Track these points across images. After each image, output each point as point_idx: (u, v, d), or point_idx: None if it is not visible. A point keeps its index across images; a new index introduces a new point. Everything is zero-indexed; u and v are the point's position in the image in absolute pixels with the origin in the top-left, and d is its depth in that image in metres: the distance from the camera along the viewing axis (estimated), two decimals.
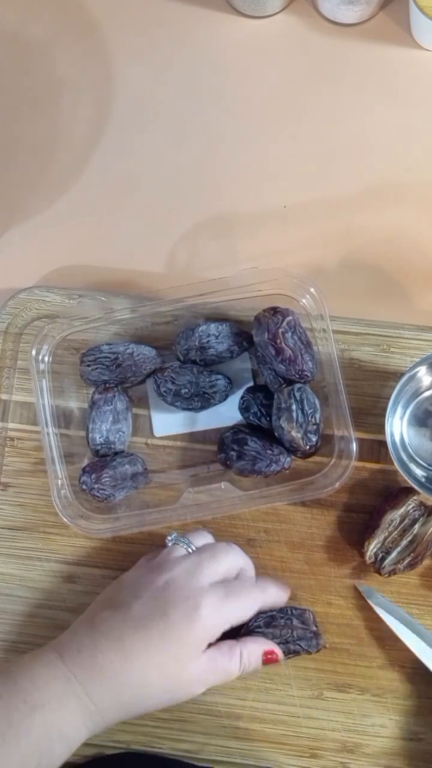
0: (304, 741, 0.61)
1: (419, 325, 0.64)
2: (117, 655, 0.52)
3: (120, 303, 0.64)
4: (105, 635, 0.53)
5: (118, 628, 0.54)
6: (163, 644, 0.53)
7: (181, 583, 0.55)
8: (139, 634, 0.53)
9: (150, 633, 0.53)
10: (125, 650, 0.53)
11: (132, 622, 0.54)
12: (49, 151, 0.70)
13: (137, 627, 0.53)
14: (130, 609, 0.54)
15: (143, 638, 0.53)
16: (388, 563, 0.60)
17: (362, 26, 0.69)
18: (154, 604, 0.54)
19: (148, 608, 0.54)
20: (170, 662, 0.53)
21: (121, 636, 0.53)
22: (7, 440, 0.65)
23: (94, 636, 0.54)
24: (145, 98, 0.70)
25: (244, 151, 0.69)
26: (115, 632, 0.53)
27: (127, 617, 0.54)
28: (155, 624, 0.53)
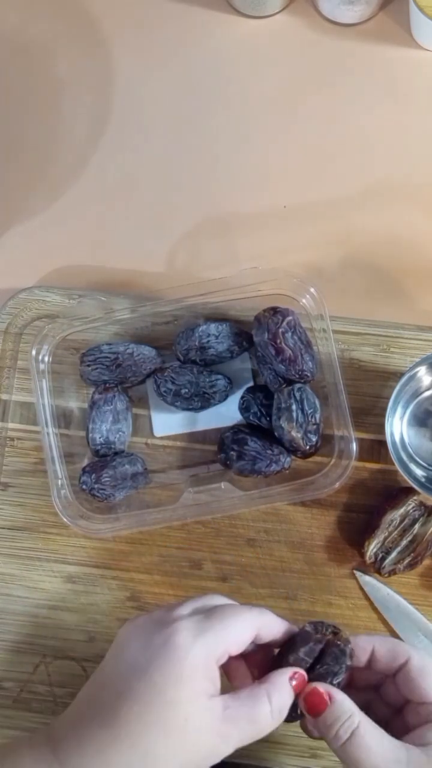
0: (304, 741, 0.61)
1: (419, 325, 0.64)
2: (97, 725, 0.45)
3: (120, 303, 0.64)
4: (90, 718, 0.45)
5: (95, 700, 0.46)
6: (151, 694, 0.44)
7: (148, 624, 0.47)
8: (118, 692, 0.45)
9: (130, 686, 0.44)
10: (104, 715, 0.45)
11: (106, 685, 0.46)
12: (49, 151, 0.70)
13: (113, 684, 0.45)
14: (103, 672, 0.47)
15: (123, 696, 0.44)
16: (388, 563, 0.60)
17: (362, 26, 0.69)
18: (129, 659, 0.46)
19: (123, 666, 0.46)
20: (171, 717, 0.43)
21: (95, 703, 0.46)
22: (7, 440, 0.65)
23: (82, 722, 0.45)
24: (145, 98, 0.70)
25: (244, 151, 0.69)
26: (92, 703, 0.46)
27: (102, 683, 0.46)
28: (133, 677, 0.45)
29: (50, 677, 0.63)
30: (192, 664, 0.44)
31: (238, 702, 0.45)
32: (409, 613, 0.61)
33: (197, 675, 0.44)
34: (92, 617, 0.63)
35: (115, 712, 0.44)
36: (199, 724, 0.44)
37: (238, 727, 0.44)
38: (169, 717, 0.43)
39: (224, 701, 0.45)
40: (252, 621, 0.47)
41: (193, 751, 0.44)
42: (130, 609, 0.63)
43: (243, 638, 0.46)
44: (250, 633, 0.46)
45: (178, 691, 0.43)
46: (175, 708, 0.43)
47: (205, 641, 0.44)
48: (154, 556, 0.63)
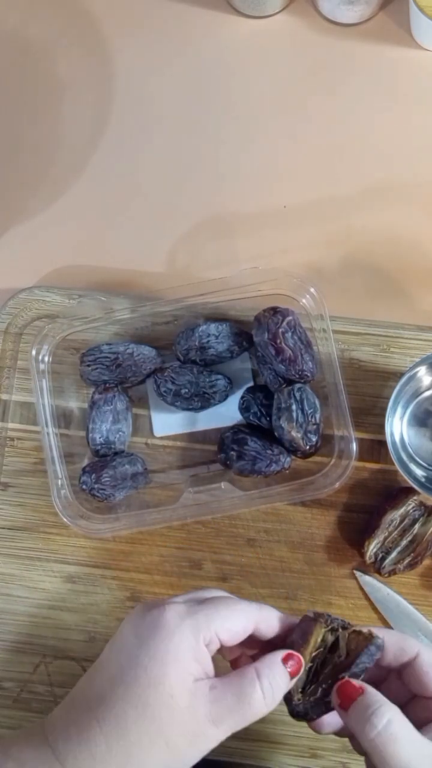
0: (304, 741, 0.61)
1: (419, 325, 0.64)
2: (85, 704, 0.45)
3: (120, 303, 0.64)
4: (79, 702, 0.45)
5: (85, 684, 0.46)
6: (137, 672, 0.43)
7: (141, 610, 0.46)
8: (106, 673, 0.45)
9: (118, 667, 0.44)
10: (93, 694, 0.45)
11: (98, 668, 0.46)
12: (49, 151, 0.70)
13: (103, 668, 0.45)
14: (99, 660, 0.47)
15: (111, 676, 0.44)
16: (388, 563, 0.60)
17: (362, 26, 0.69)
18: (118, 644, 0.46)
19: (113, 651, 0.46)
20: (152, 691, 0.43)
21: (85, 686, 0.46)
22: (7, 440, 0.65)
23: (72, 708, 0.46)
24: (145, 98, 0.70)
25: (244, 151, 0.69)
26: (83, 687, 0.46)
27: (96, 668, 0.46)
28: (121, 658, 0.44)
29: (50, 677, 0.63)
30: (177, 643, 0.43)
31: (226, 681, 0.44)
32: (409, 613, 0.61)
33: (184, 654, 0.43)
34: (92, 617, 0.63)
35: (102, 694, 0.44)
36: (185, 703, 0.43)
37: (227, 706, 0.43)
38: (152, 695, 0.42)
39: (212, 682, 0.44)
40: (248, 613, 0.46)
41: (179, 732, 0.43)
42: (130, 609, 0.63)
43: (236, 627, 0.45)
44: (244, 624, 0.46)
45: (164, 669, 0.43)
46: (159, 686, 0.43)
47: (194, 621, 0.44)
48: (154, 556, 0.63)
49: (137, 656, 0.44)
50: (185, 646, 0.44)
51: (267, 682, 0.44)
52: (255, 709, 0.44)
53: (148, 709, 0.42)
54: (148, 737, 0.43)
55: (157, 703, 0.42)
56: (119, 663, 0.44)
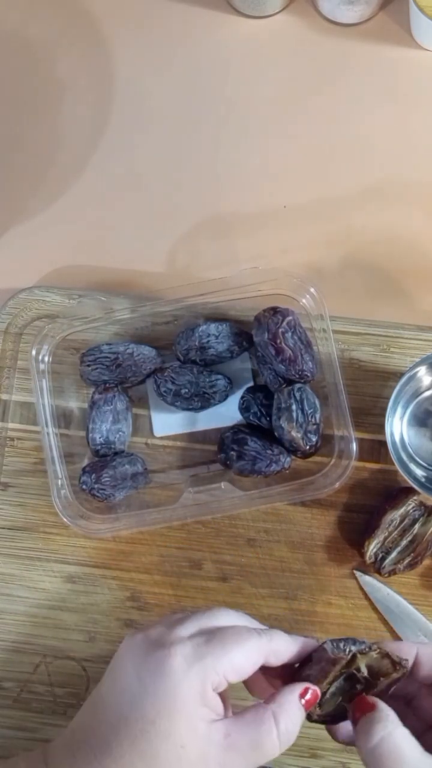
0: (304, 741, 0.61)
1: (419, 325, 0.64)
2: (91, 756, 0.43)
3: (120, 303, 0.64)
4: (85, 747, 0.43)
5: (88, 728, 0.44)
6: (143, 725, 0.41)
7: (142, 645, 0.44)
8: (112, 720, 0.43)
9: (124, 717, 0.42)
10: (98, 747, 0.43)
11: (101, 713, 0.44)
12: (49, 151, 0.70)
13: (106, 711, 0.43)
14: (99, 693, 0.44)
15: (117, 725, 0.42)
16: (388, 563, 0.60)
17: (362, 26, 0.69)
18: (122, 684, 0.43)
19: (116, 692, 0.43)
20: (164, 748, 0.41)
21: (89, 732, 0.44)
22: (7, 440, 0.65)
23: (78, 750, 0.44)
24: (146, 98, 0.70)
25: (244, 151, 0.69)
26: (86, 729, 0.44)
27: (96, 704, 0.44)
28: (126, 705, 0.42)
29: (50, 677, 0.63)
30: (185, 693, 0.41)
31: (241, 727, 0.42)
32: (409, 613, 0.61)
33: (191, 704, 0.41)
34: (92, 617, 0.63)
35: (107, 743, 0.42)
36: (197, 751, 0.41)
37: (241, 754, 0.42)
38: (162, 749, 0.41)
39: (226, 727, 0.42)
40: (257, 648, 0.43)
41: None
42: (130, 609, 0.63)
43: (244, 666, 0.43)
44: (253, 661, 0.43)
45: (172, 722, 0.41)
46: (168, 739, 0.41)
47: (201, 668, 0.42)
48: (154, 556, 0.63)
49: (142, 706, 0.42)
50: (193, 694, 0.41)
51: (284, 727, 0.42)
52: (269, 755, 0.42)
53: (158, 761, 0.41)
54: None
55: (167, 755, 0.41)
56: (121, 709, 0.42)
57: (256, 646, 0.43)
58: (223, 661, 0.42)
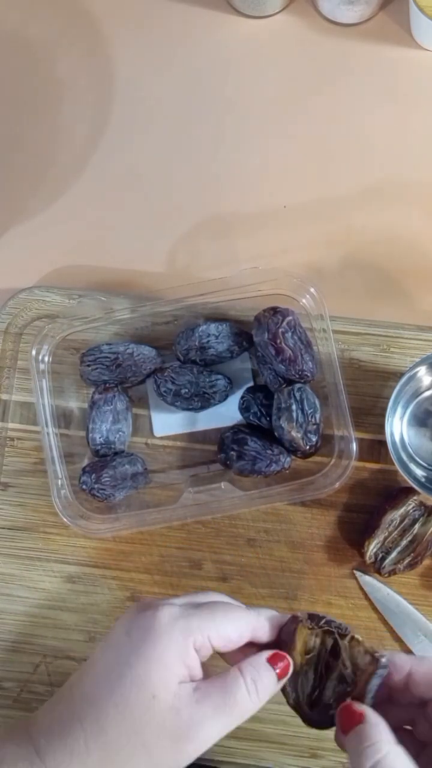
0: (304, 741, 0.61)
1: (419, 325, 0.64)
2: (69, 699, 0.44)
3: (120, 303, 0.64)
4: (64, 700, 0.45)
5: (73, 680, 0.45)
6: (121, 671, 0.42)
7: (135, 610, 0.45)
8: (93, 669, 0.44)
9: (105, 664, 0.44)
10: (80, 686, 0.44)
11: (87, 665, 0.45)
12: (49, 151, 0.70)
13: (92, 665, 0.45)
14: (90, 657, 0.46)
15: (97, 671, 0.44)
16: (388, 563, 0.60)
17: (362, 26, 0.69)
18: (109, 641, 0.45)
19: (104, 647, 0.45)
20: (134, 690, 0.42)
21: (73, 682, 0.45)
22: (7, 440, 0.65)
23: (56, 705, 0.45)
24: (146, 98, 0.70)
25: (244, 151, 0.69)
26: (70, 683, 0.45)
27: (85, 665, 0.45)
28: (109, 656, 0.44)
29: (50, 677, 0.63)
30: (166, 643, 0.42)
31: (209, 682, 0.43)
32: (409, 613, 0.61)
33: (170, 655, 0.42)
34: (92, 617, 0.63)
35: (86, 692, 0.43)
36: (167, 704, 0.42)
37: (212, 705, 0.42)
38: (133, 694, 0.42)
39: (195, 684, 0.43)
40: (244, 621, 0.45)
41: (159, 734, 0.42)
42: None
43: (230, 634, 0.44)
44: (238, 632, 0.44)
45: (148, 668, 0.42)
46: (141, 686, 0.42)
47: (186, 624, 0.43)
48: (154, 556, 0.63)
49: (125, 655, 0.43)
50: (173, 647, 0.43)
51: (250, 678, 0.43)
52: (241, 706, 0.43)
53: (127, 708, 0.42)
54: (126, 738, 0.42)
55: (137, 702, 0.42)
56: (107, 661, 0.44)
57: (243, 617, 0.45)
58: (208, 623, 0.43)
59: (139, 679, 0.42)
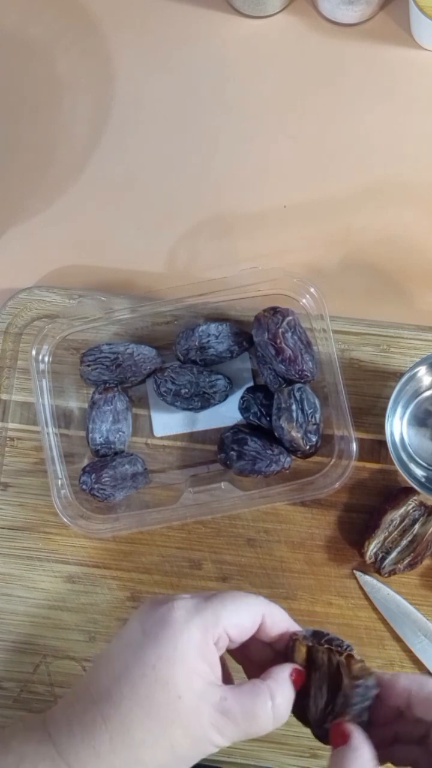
0: (304, 741, 0.61)
1: (419, 325, 0.64)
2: (88, 699, 0.44)
3: (120, 303, 0.64)
4: (84, 698, 0.44)
5: (90, 678, 0.45)
6: (143, 671, 0.42)
7: (147, 607, 0.46)
8: (112, 667, 0.44)
9: (124, 663, 0.43)
10: (97, 686, 0.44)
11: (102, 663, 0.45)
12: (49, 151, 0.70)
13: (108, 662, 0.45)
14: (105, 651, 0.46)
15: (116, 670, 0.43)
16: (388, 563, 0.60)
17: (362, 26, 0.69)
18: (126, 639, 0.45)
19: (120, 645, 0.45)
20: (158, 691, 0.42)
21: (91, 680, 0.45)
22: (7, 440, 0.65)
23: (76, 703, 0.45)
24: (145, 98, 0.70)
25: (244, 151, 0.69)
26: (87, 681, 0.45)
27: (99, 663, 0.45)
28: (128, 653, 0.44)
29: (50, 677, 0.63)
30: (186, 641, 0.43)
31: (238, 695, 0.43)
32: (409, 613, 0.61)
33: (191, 653, 0.42)
34: (92, 617, 0.63)
35: (107, 690, 0.43)
36: (193, 705, 0.42)
37: (235, 721, 0.42)
38: (159, 695, 0.42)
39: (223, 692, 0.43)
40: (255, 606, 0.45)
41: (183, 734, 0.42)
42: (130, 609, 0.63)
43: (244, 621, 0.44)
44: (251, 618, 0.45)
45: (172, 669, 0.42)
46: (166, 686, 0.42)
47: (202, 618, 0.43)
48: (154, 556, 0.63)
49: (144, 654, 0.43)
50: (193, 644, 0.43)
51: (279, 701, 0.43)
52: (262, 728, 0.43)
53: (154, 708, 0.42)
54: (152, 737, 0.42)
55: (164, 703, 0.42)
56: (125, 659, 0.43)
57: (254, 603, 0.45)
58: (223, 614, 0.44)
59: (164, 680, 0.42)
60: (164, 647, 0.42)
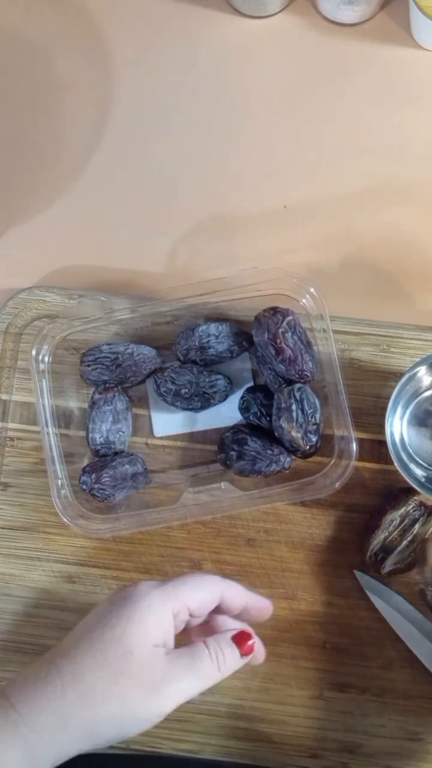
0: (304, 741, 0.61)
1: (419, 325, 0.64)
2: (48, 655, 0.47)
3: (120, 303, 0.64)
4: (43, 660, 0.48)
5: (57, 647, 0.48)
6: (101, 630, 0.47)
7: (125, 584, 0.51)
8: (74, 631, 0.48)
9: (86, 626, 0.48)
10: (57, 649, 0.48)
11: (71, 634, 0.49)
12: (49, 151, 0.70)
13: (74, 630, 0.49)
14: (75, 627, 0.49)
15: (77, 632, 0.48)
16: (388, 563, 0.60)
17: (362, 26, 0.69)
18: (92, 612, 0.49)
19: (87, 617, 0.49)
20: (112, 647, 0.46)
21: (56, 647, 0.48)
22: (7, 440, 0.65)
23: (34, 665, 0.48)
24: (145, 98, 0.70)
25: (244, 151, 0.69)
26: (53, 652, 0.48)
27: (70, 632, 0.49)
28: (91, 619, 0.48)
29: None
30: (146, 608, 0.47)
31: (178, 649, 0.48)
32: (409, 613, 0.61)
33: (149, 618, 0.47)
34: None
35: (65, 648, 0.47)
36: (142, 659, 0.46)
37: (181, 666, 0.47)
38: (111, 649, 0.45)
39: (166, 650, 0.47)
40: (214, 584, 0.50)
41: (134, 684, 0.45)
42: None
43: (202, 596, 0.49)
44: (210, 593, 0.50)
45: (127, 628, 0.46)
46: (119, 642, 0.46)
47: (163, 590, 0.48)
48: (154, 556, 0.63)
49: (105, 617, 0.47)
50: (152, 611, 0.47)
51: (213, 650, 0.48)
52: (206, 672, 0.48)
53: (106, 660, 0.45)
54: (102, 684, 0.45)
55: (114, 656, 0.45)
56: (87, 623, 0.48)
57: (212, 580, 0.51)
58: (182, 588, 0.49)
59: (117, 637, 0.46)
60: (124, 611, 0.47)
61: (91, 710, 0.45)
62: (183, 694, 0.46)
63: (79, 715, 0.45)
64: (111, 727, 0.45)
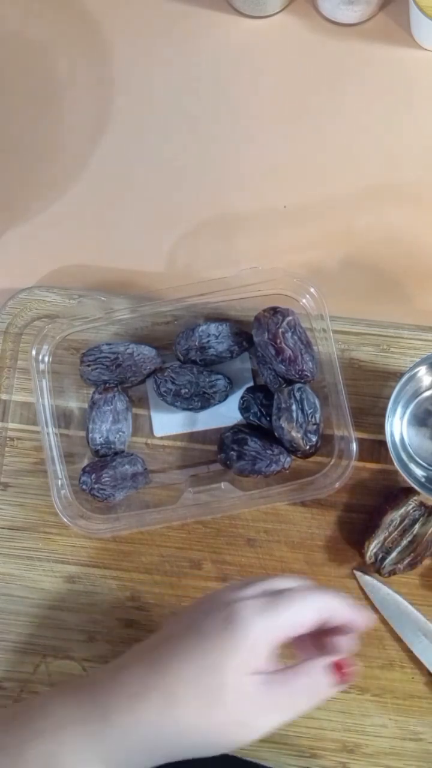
0: (304, 741, 0.61)
1: (419, 325, 0.64)
2: (139, 667, 0.46)
3: (120, 303, 0.64)
4: (135, 665, 0.47)
5: (143, 649, 0.48)
6: (197, 655, 0.45)
7: (216, 597, 0.48)
8: (168, 644, 0.47)
9: (181, 643, 0.46)
10: (148, 660, 0.46)
11: (160, 639, 0.48)
12: (49, 151, 0.70)
13: (167, 639, 0.47)
14: (161, 631, 0.49)
15: (172, 648, 0.46)
16: (388, 563, 0.60)
17: (362, 26, 0.69)
18: (187, 622, 0.48)
19: (180, 626, 0.47)
20: (207, 676, 0.45)
21: (143, 651, 0.48)
22: (7, 440, 0.65)
23: (124, 668, 0.48)
24: (145, 98, 0.70)
25: (244, 151, 0.69)
26: (139, 652, 0.48)
27: (157, 638, 0.48)
28: (187, 636, 0.46)
29: (50, 677, 0.63)
30: (245, 638, 0.45)
31: (278, 678, 0.45)
32: (409, 613, 0.61)
33: (247, 649, 0.45)
34: (92, 617, 0.63)
35: (157, 664, 0.45)
36: (237, 691, 0.44)
37: (274, 696, 0.45)
38: (206, 678, 0.44)
39: (264, 676, 0.45)
40: (320, 605, 0.47)
41: (226, 720, 0.44)
42: (130, 609, 0.63)
43: (306, 622, 0.46)
44: (315, 617, 0.47)
45: (224, 658, 0.44)
46: (213, 672, 0.44)
47: (266, 620, 0.45)
48: (154, 556, 0.63)
49: (204, 639, 0.45)
50: (252, 642, 0.45)
51: (312, 680, 0.46)
52: (300, 705, 0.46)
53: (199, 687, 0.44)
54: (194, 715, 0.44)
55: (209, 687, 0.44)
56: (184, 637, 0.46)
57: (318, 602, 0.47)
58: (287, 616, 0.46)
59: (213, 668, 0.44)
60: (223, 642, 0.45)
61: (177, 738, 0.45)
62: (272, 725, 0.45)
63: (164, 744, 0.45)
64: (189, 753, 0.46)
